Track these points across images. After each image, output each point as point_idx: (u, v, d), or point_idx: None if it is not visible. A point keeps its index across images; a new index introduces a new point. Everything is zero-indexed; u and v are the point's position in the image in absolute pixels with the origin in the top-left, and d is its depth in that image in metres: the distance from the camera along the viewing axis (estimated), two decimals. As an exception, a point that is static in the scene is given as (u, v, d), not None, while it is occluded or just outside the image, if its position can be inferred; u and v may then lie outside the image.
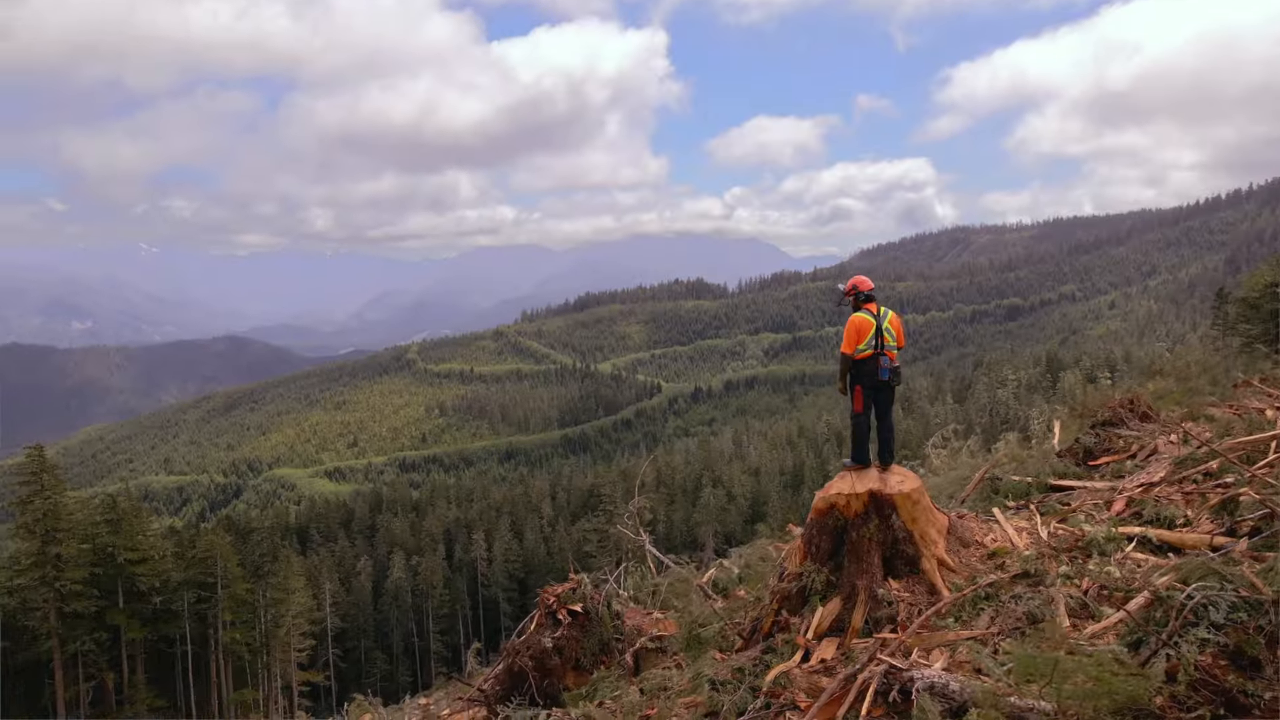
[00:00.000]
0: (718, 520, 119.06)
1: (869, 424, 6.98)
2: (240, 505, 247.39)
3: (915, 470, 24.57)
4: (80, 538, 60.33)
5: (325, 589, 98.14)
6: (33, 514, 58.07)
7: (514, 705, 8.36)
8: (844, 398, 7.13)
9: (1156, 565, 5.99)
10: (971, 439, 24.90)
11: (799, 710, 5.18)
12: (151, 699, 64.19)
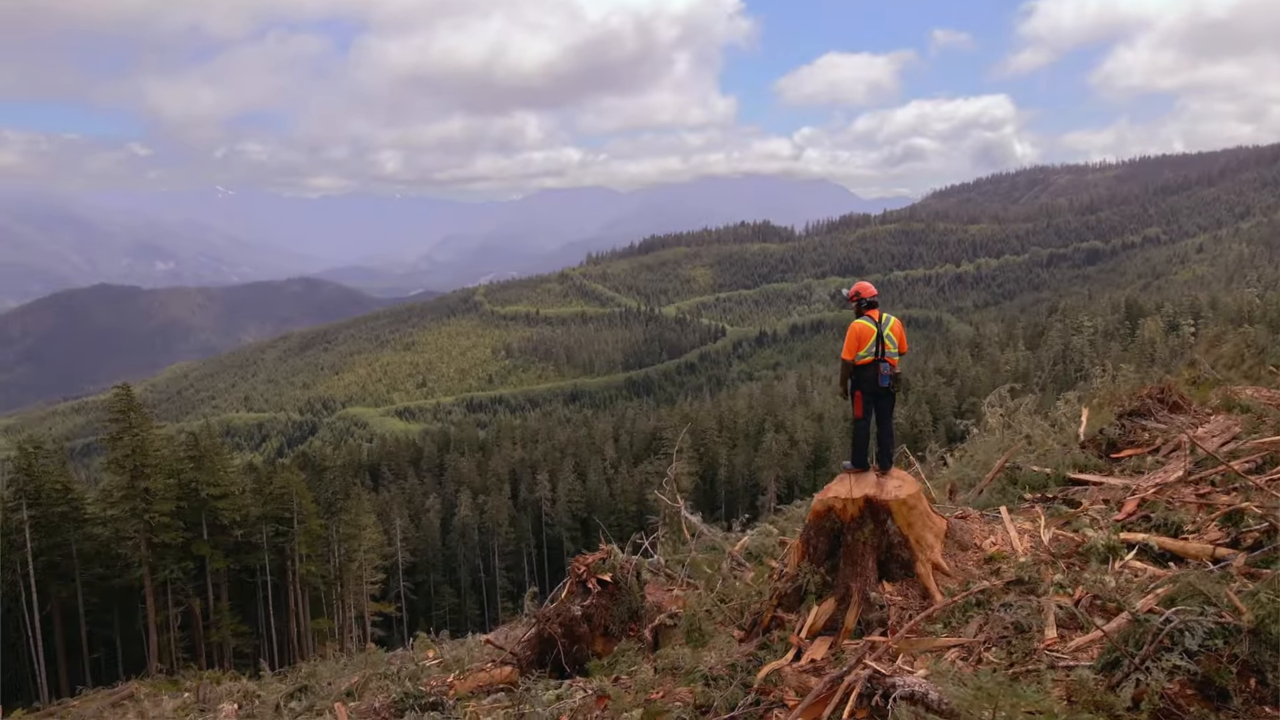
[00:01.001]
0: (780, 465, 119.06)
1: (869, 429, 7.02)
2: (315, 442, 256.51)
3: (970, 430, 24.25)
4: (166, 473, 63.54)
5: (396, 525, 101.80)
6: (122, 450, 61.32)
7: (539, 675, 8.80)
8: (847, 399, 7.17)
9: (1154, 576, 5.93)
10: (1029, 398, 24.39)
11: (787, 708, 5.39)
12: (235, 625, 67.92)
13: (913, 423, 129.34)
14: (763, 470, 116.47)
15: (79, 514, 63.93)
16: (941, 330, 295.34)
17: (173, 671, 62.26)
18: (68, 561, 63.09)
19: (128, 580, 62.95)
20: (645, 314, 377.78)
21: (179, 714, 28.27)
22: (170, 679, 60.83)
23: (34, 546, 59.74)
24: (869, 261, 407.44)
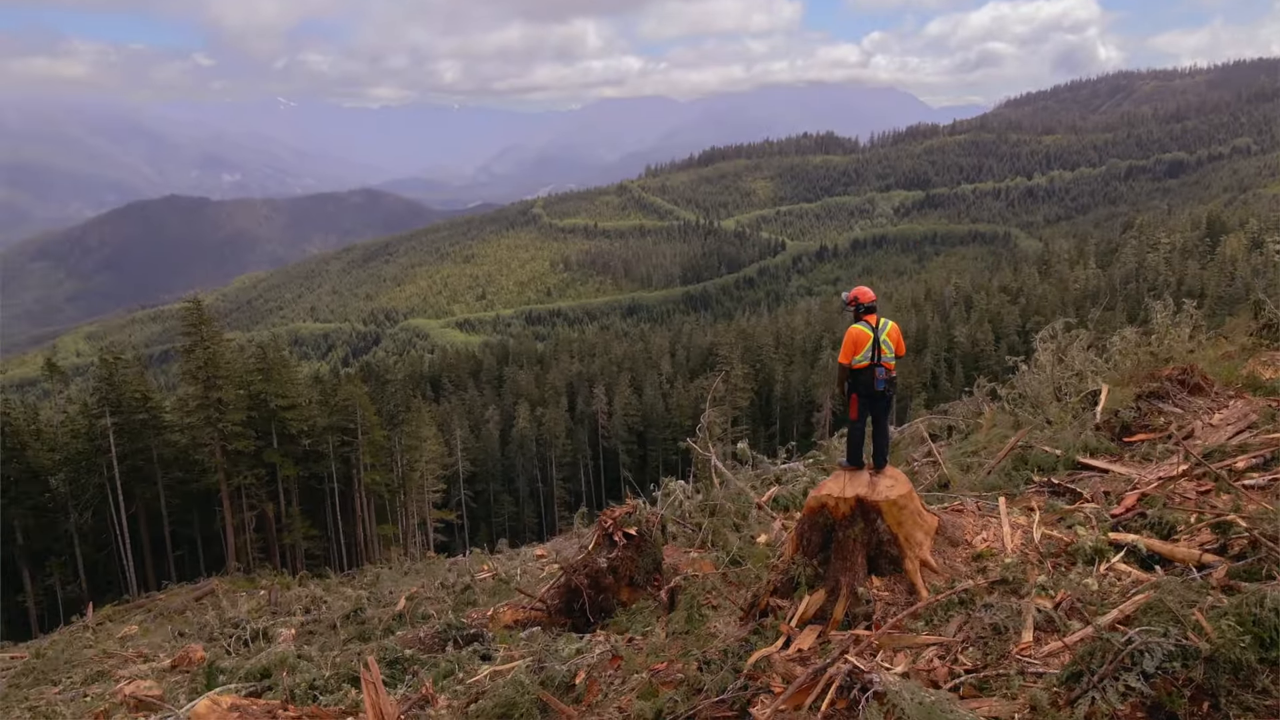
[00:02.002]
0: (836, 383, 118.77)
1: (864, 430, 7.14)
2: (379, 353, 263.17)
3: (1020, 365, 23.83)
4: (237, 384, 66.24)
5: (456, 435, 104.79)
6: (195, 362, 64.00)
7: (566, 621, 9.34)
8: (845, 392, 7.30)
9: (1137, 581, 5.98)
10: (1083, 334, 23.84)
11: (773, 694, 5.73)
12: (306, 528, 71.51)
13: (974, 341, 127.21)
14: (819, 387, 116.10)
15: (158, 421, 67.30)
16: (1009, 246, 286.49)
17: (249, 570, 66.18)
18: (149, 466, 66.77)
19: (205, 484, 66.40)
20: (704, 227, 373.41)
21: (253, 615, 30.21)
22: (247, 577, 64.72)
23: (118, 451, 63.31)
24: (935, 174, 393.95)
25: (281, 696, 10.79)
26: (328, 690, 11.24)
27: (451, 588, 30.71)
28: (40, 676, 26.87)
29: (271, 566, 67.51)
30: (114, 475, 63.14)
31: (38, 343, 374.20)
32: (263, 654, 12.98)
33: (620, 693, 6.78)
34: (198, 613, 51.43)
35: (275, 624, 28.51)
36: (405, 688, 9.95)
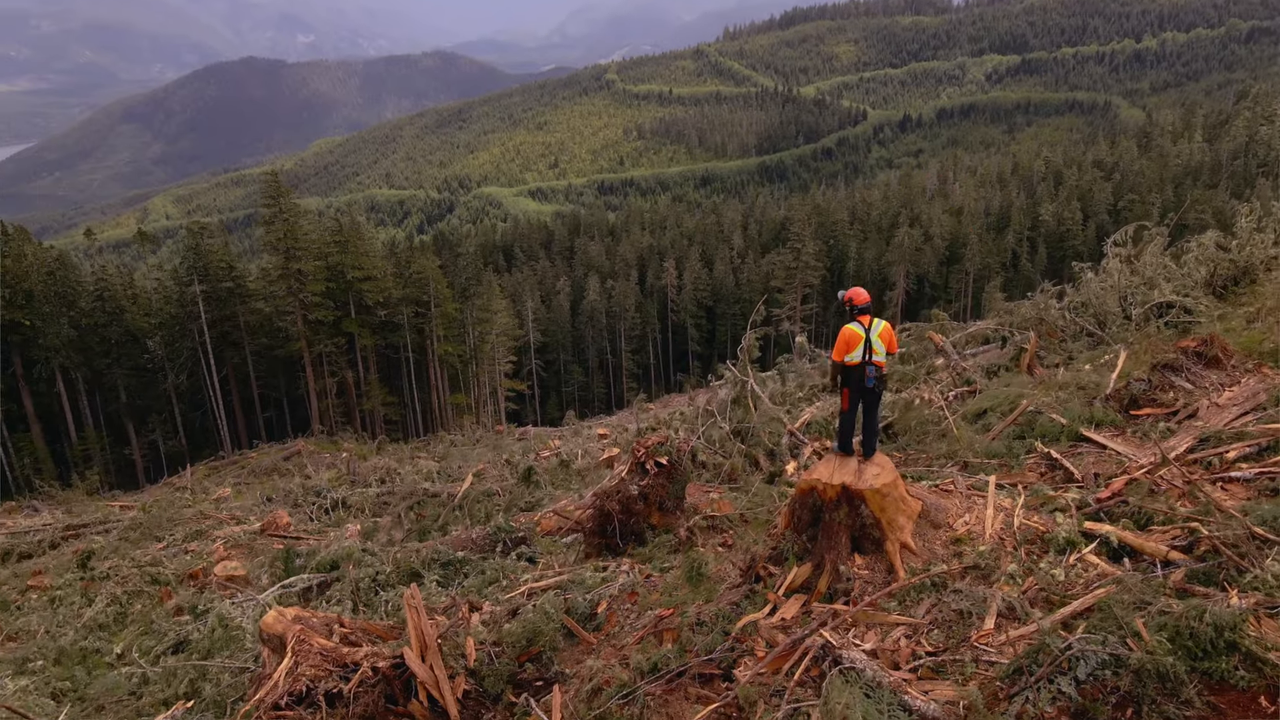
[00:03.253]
0: (911, 260, 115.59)
1: (854, 421, 7.35)
2: (453, 220, 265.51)
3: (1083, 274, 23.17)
4: (315, 255, 68.32)
5: (527, 306, 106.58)
6: (275, 234, 66.03)
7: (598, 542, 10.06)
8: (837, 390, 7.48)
9: (1102, 574, 6.16)
10: (1158, 238, 22.95)
11: (755, 658, 6.27)
12: (384, 395, 74.84)
13: (1060, 220, 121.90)
14: (893, 265, 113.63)
15: (243, 290, 70.28)
16: (1109, 116, 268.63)
17: (332, 433, 70.08)
18: (237, 332, 70.23)
19: (289, 351, 69.65)
20: (782, 95, 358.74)
21: (332, 484, 32.34)
22: (330, 439, 68.56)
23: (207, 317, 66.67)
24: (1034, 36, 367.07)
25: (348, 590, 11.99)
26: (388, 584, 12.41)
27: (515, 466, 32.25)
28: (146, 532, 29.51)
29: (352, 430, 71.33)
30: (205, 340, 66.72)
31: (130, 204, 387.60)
32: (332, 547, 14.20)
33: (634, 628, 7.50)
34: (285, 475, 54.98)
35: (353, 494, 30.57)
36: (455, 591, 10.96)
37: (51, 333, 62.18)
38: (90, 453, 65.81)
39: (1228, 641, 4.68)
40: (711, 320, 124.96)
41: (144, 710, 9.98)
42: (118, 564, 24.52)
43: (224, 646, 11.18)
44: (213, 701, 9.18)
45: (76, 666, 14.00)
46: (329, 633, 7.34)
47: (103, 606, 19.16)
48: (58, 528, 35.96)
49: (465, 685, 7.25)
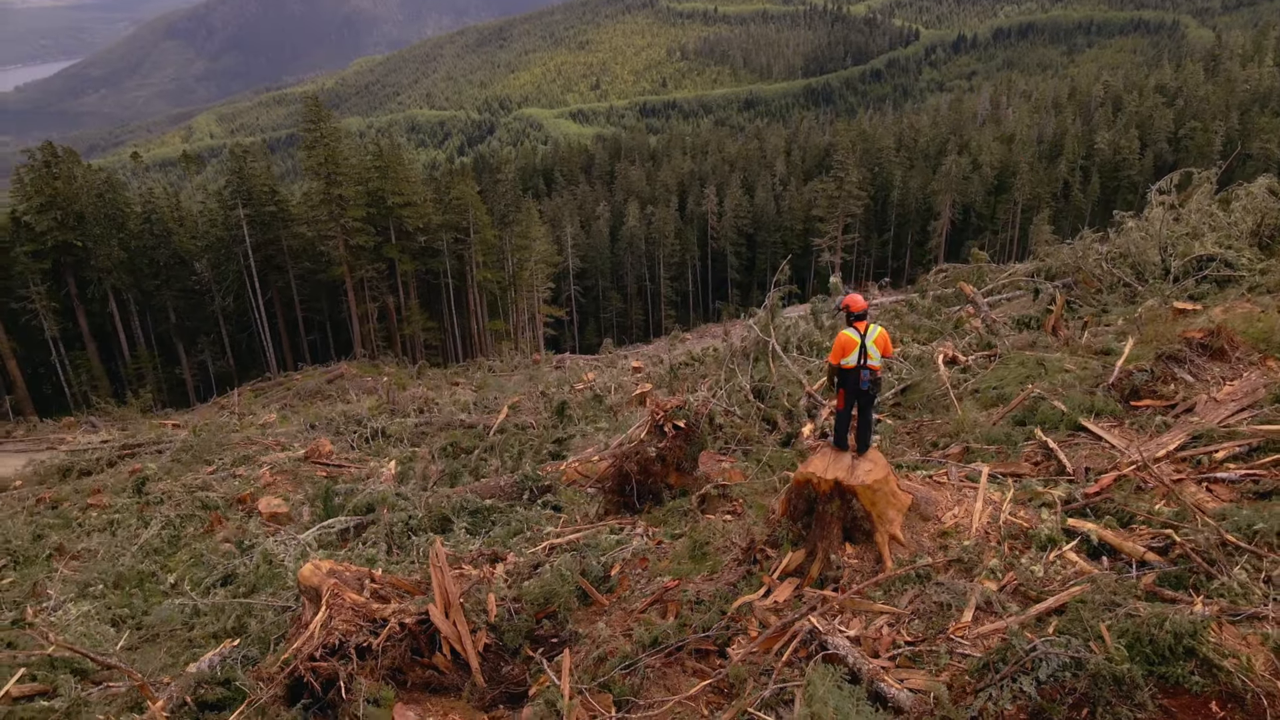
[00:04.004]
0: (958, 190, 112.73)
1: (850, 419, 7.52)
2: (493, 142, 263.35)
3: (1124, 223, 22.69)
4: (356, 180, 68.77)
5: (567, 231, 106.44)
6: (316, 158, 66.44)
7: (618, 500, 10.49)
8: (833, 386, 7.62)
9: (1079, 572, 6.34)
10: (1206, 184, 22.34)
11: (748, 637, 6.64)
12: (424, 320, 75.92)
13: (1116, 149, 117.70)
14: (939, 194, 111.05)
15: (286, 214, 71.17)
16: (1175, 36, 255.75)
17: (374, 356, 71.51)
18: (280, 256, 71.39)
19: (331, 275, 70.73)
20: (831, 12, 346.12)
21: (372, 414, 33.31)
22: (372, 363, 70.08)
23: (252, 241, 67.81)
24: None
25: (383, 533, 12.66)
26: (420, 529, 13.05)
27: (550, 399, 32.88)
28: (197, 455, 30.81)
29: (393, 355, 72.72)
30: (250, 264, 68.01)
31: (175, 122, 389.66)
32: (369, 490, 14.88)
33: (643, 594, 7.95)
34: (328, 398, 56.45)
35: (392, 423, 31.50)
36: (481, 542, 11.54)
37: (102, 254, 63.75)
38: (143, 372, 68.04)
39: (1186, 647, 4.95)
40: (751, 248, 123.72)
41: (195, 641, 10.79)
42: (170, 488, 25.77)
43: (268, 583, 11.93)
44: (258, 637, 9.90)
45: (134, 590, 14.99)
46: (360, 587, 7.89)
47: (157, 530, 20.27)
48: (114, 446, 37.61)
49: (486, 639, 7.80)
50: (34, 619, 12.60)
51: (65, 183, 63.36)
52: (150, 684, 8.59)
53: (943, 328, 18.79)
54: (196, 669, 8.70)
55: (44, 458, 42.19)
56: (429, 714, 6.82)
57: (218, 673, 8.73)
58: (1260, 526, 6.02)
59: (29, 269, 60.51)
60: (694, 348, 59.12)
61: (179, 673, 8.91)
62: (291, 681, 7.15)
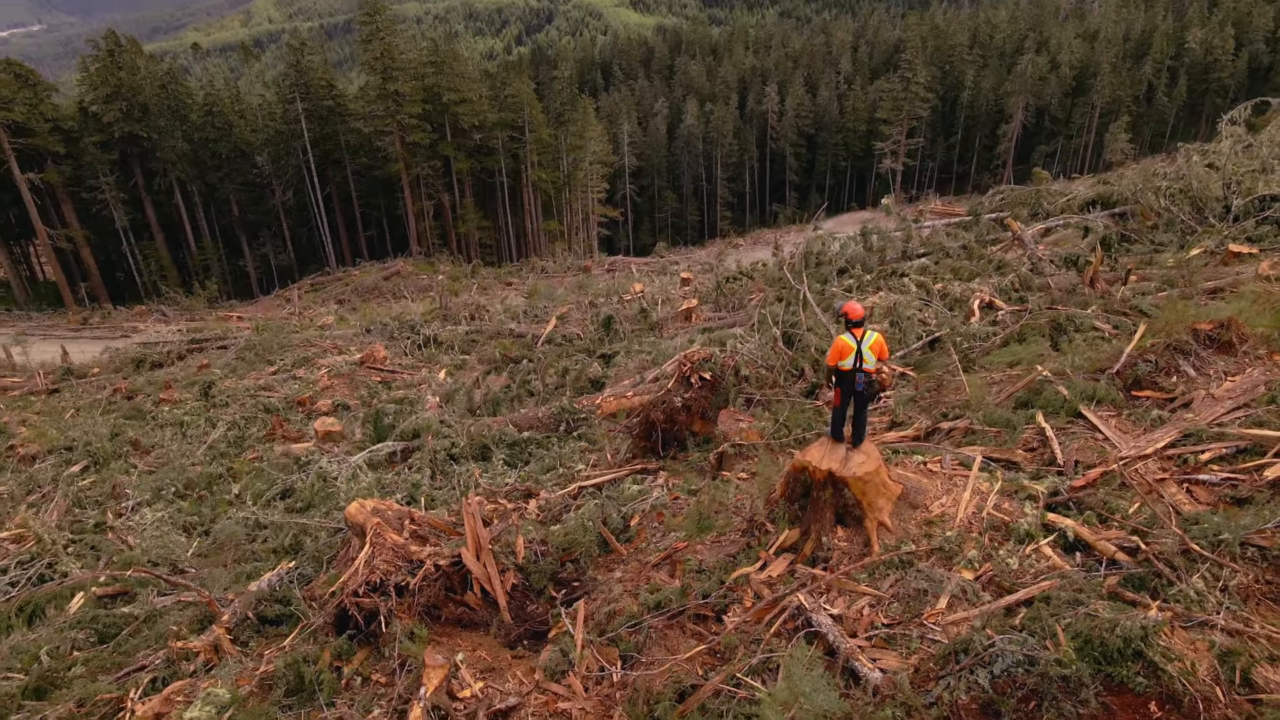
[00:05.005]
0: (1032, 91, 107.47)
1: (845, 414, 7.74)
2: (551, 31, 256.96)
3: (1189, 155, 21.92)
4: (412, 76, 68.35)
5: (624, 129, 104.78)
6: (372, 53, 66.08)
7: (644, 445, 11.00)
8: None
9: (1051, 568, 6.61)
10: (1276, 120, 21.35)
11: (743, 607, 7.15)
12: (479, 219, 76.41)
13: (1208, 49, 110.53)
14: (1011, 96, 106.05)
15: (343, 109, 71.35)
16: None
17: (429, 254, 72.58)
18: (338, 151, 71.94)
19: (388, 172, 71.27)
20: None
21: (425, 319, 34.25)
22: (427, 261, 71.14)
23: (310, 136, 68.40)
24: None
25: (427, 459, 13.47)
26: (462, 457, 13.83)
27: (597, 311, 33.40)
28: (259, 354, 32.22)
29: (448, 253, 73.66)
30: (309, 158, 68.79)
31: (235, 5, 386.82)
32: (415, 418, 15.65)
33: (656, 548, 8.54)
34: (384, 295, 57.77)
35: (444, 329, 32.42)
36: (516, 478, 12.26)
37: (167, 146, 64.98)
38: (209, 263, 70.17)
39: (1134, 650, 5.36)
40: (812, 149, 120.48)
41: (257, 554, 11.83)
42: (235, 387, 27.17)
43: (322, 501, 12.90)
44: (312, 556, 10.84)
45: (203, 492, 16.22)
46: (401, 527, 8.63)
47: (222, 432, 21.61)
48: (183, 342, 39.36)
49: (514, 580, 8.52)
50: (114, 522, 13.82)
51: (129, 73, 64.16)
52: (217, 600, 9.58)
53: (984, 269, 18.63)
54: (257, 587, 9.66)
55: (119, 346, 44.38)
56: (459, 648, 7.60)
57: (276, 591, 9.68)
58: (1225, 537, 6.30)
59: (98, 159, 62.14)
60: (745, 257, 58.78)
61: (241, 590, 9.89)
62: (339, 612, 7.97)
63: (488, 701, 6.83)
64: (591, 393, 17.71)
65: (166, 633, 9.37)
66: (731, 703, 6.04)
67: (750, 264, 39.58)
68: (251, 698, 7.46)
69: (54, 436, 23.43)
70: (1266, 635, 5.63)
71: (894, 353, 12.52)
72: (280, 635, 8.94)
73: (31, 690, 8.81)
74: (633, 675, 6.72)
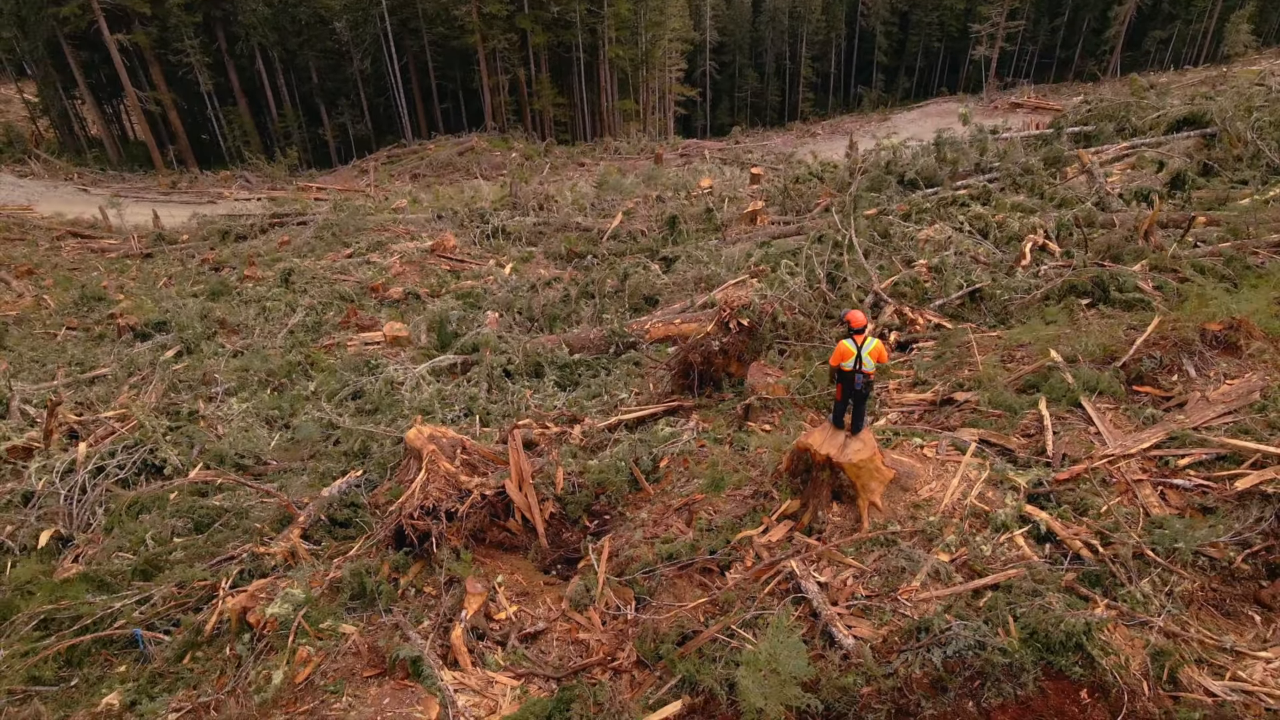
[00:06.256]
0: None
1: (845, 407, 8.14)
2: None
3: None
4: (490, -59, 66.75)
5: (706, 2, 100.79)
6: (451, -84, 64.47)
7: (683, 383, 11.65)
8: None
9: (1019, 557, 7.10)
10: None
11: (745, 565, 7.88)
12: (554, 95, 75.61)
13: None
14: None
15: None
16: None
17: (504, 130, 72.52)
18: (415, 20, 71.26)
19: (464, 44, 70.52)
20: None
21: (495, 208, 34.92)
22: (501, 136, 71.21)
23: (387, 3, 67.87)
24: None
25: (484, 374, 14.42)
26: (517, 373, 14.74)
27: (664, 208, 33.60)
28: (336, 235, 33.49)
29: (522, 129, 73.46)
30: (386, 26, 68.41)
31: None
32: (474, 332, 16.47)
33: (679, 493, 9.35)
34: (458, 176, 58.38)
35: (512, 220, 33.07)
36: (565, 400, 13.12)
37: (247, 10, 65.29)
38: (289, 130, 71.43)
39: (1075, 642, 6.02)
40: (904, 29, 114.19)
41: (331, 454, 13.09)
42: (313, 268, 28.49)
43: (388, 408, 14.05)
44: (378, 463, 12.03)
45: (284, 381, 17.59)
46: (453, 455, 9.61)
47: (301, 318, 22.99)
48: (265, 215, 40.89)
49: (552, 509, 9.50)
50: (205, 410, 15.26)
51: (210, -70, 64.09)
52: (294, 503, 10.84)
53: (1047, 202, 18.32)
54: (329, 493, 10.88)
55: (206, 213, 46.34)
56: (499, 571, 8.67)
57: (345, 496, 10.90)
58: (1179, 546, 6.78)
59: (182, 22, 62.89)
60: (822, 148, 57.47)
61: (316, 495, 11.13)
62: (397, 529, 9.07)
63: (519, 624, 7.91)
64: (646, 310, 18.36)
65: (252, 528, 10.71)
66: (725, 650, 6.95)
67: (821, 164, 38.98)
68: (322, 598, 8.68)
69: (149, 309, 25.21)
70: (1200, 639, 6.24)
71: (933, 302, 12.81)
72: (348, 539, 10.18)
73: (139, 570, 10.27)
74: (643, 616, 7.69)
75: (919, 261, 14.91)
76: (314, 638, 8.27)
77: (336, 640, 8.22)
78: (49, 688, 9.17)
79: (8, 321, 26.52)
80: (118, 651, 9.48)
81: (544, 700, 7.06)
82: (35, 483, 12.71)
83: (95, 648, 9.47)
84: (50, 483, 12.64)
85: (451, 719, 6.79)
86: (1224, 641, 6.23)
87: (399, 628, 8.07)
